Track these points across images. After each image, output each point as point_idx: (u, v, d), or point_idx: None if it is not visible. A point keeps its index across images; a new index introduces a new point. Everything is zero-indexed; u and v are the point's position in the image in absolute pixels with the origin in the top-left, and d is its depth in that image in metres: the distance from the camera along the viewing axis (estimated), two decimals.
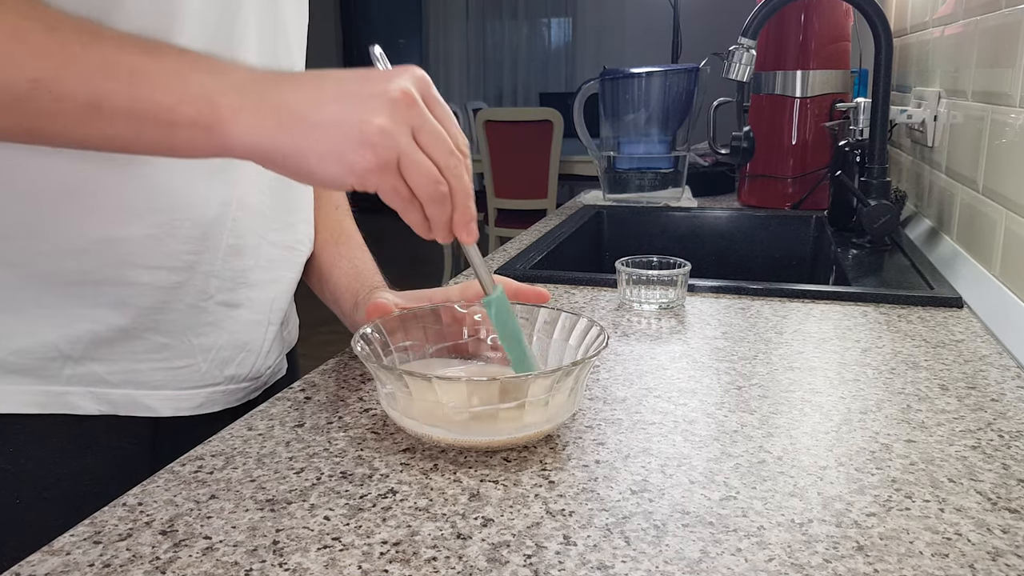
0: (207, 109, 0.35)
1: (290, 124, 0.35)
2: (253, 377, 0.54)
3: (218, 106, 0.35)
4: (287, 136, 0.35)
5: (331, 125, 0.35)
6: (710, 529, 0.34)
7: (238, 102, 0.35)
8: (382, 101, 0.36)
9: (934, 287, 0.73)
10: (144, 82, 0.34)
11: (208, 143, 0.36)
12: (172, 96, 0.35)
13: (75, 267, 0.43)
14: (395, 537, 0.34)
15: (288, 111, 0.35)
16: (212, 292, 0.49)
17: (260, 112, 0.35)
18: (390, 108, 0.36)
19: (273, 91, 0.36)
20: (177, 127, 0.35)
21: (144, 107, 0.35)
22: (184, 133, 0.35)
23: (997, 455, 0.42)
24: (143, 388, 0.48)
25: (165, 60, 0.35)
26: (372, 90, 0.36)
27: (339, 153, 0.35)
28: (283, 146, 0.36)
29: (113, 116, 0.35)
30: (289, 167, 0.37)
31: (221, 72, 0.36)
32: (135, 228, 0.44)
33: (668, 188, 1.19)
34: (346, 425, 0.45)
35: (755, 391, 0.50)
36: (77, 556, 0.33)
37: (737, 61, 0.92)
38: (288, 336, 0.61)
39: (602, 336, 0.44)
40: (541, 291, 0.51)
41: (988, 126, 0.74)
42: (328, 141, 0.35)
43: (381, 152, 0.36)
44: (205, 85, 0.35)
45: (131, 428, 0.48)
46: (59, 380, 0.45)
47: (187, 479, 0.39)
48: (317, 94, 0.36)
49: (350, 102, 0.36)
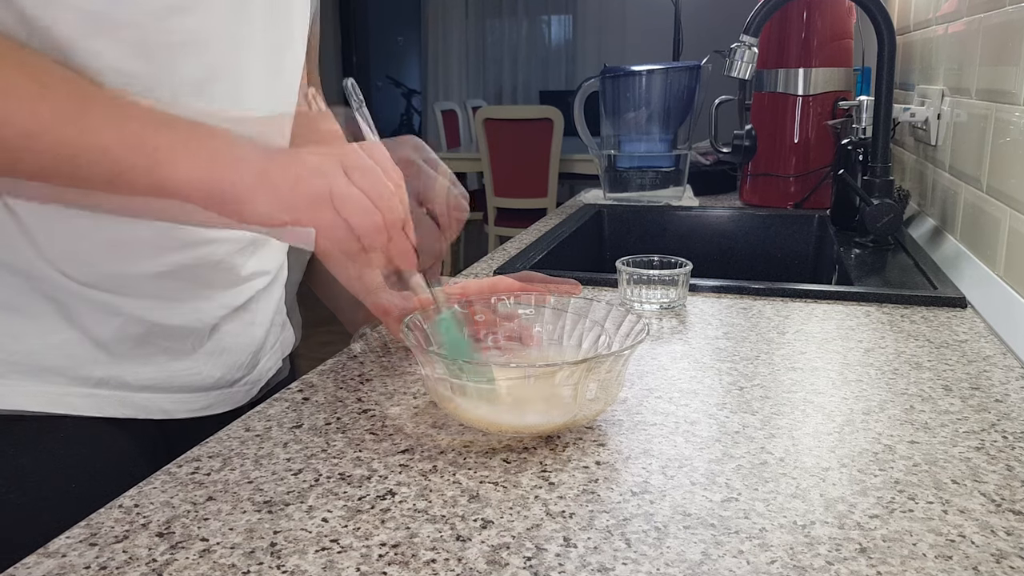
0: (227, 193, 0.38)
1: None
2: (258, 379, 0.55)
3: (232, 190, 0.38)
4: (296, 212, 0.38)
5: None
6: (712, 531, 0.34)
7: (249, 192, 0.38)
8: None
9: (937, 287, 0.73)
10: (165, 163, 0.37)
11: (225, 216, 0.39)
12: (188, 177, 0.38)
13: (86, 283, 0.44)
14: (394, 539, 0.34)
15: (280, 188, 0.38)
16: (223, 304, 0.50)
17: (271, 196, 0.38)
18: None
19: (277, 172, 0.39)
20: (194, 211, 0.38)
21: (166, 185, 0.37)
22: (200, 216, 0.38)
23: (1001, 456, 0.41)
24: (159, 391, 0.48)
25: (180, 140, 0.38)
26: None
27: (327, 227, 0.38)
28: (287, 220, 0.38)
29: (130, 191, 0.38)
30: (295, 241, 0.39)
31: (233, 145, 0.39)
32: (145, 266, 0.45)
33: (669, 187, 1.19)
34: (344, 426, 0.45)
35: (757, 392, 0.50)
36: (73, 558, 0.32)
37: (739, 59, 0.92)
38: (291, 336, 0.61)
39: (641, 323, 0.46)
40: (572, 283, 0.54)
41: (992, 124, 0.73)
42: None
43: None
44: (223, 174, 0.38)
45: (131, 428, 0.48)
46: (88, 383, 0.45)
47: (184, 480, 0.39)
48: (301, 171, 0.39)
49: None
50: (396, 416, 0.46)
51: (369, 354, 0.57)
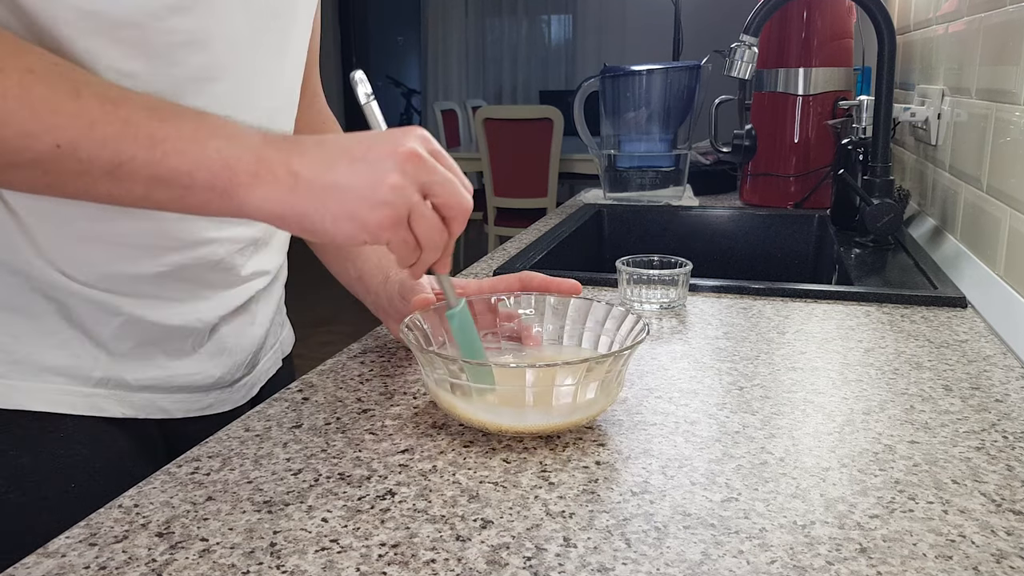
0: (224, 175, 0.37)
1: (303, 188, 0.37)
2: (257, 380, 0.55)
3: (234, 172, 0.37)
4: (300, 200, 0.37)
5: (344, 187, 0.37)
6: (711, 531, 0.34)
7: (253, 168, 0.37)
8: (392, 161, 0.38)
9: (938, 287, 0.73)
10: (163, 148, 0.36)
11: (222, 206, 0.37)
12: (189, 162, 0.36)
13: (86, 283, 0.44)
14: (393, 539, 0.34)
15: (300, 176, 0.37)
16: (223, 304, 0.50)
17: (274, 177, 0.37)
18: (400, 167, 0.38)
19: (285, 156, 0.38)
20: (193, 190, 0.37)
21: (162, 172, 0.36)
22: (199, 196, 0.37)
23: (1001, 456, 0.41)
24: (158, 391, 0.48)
25: (183, 126, 0.37)
26: (380, 152, 0.38)
27: (352, 213, 0.38)
28: (296, 208, 0.37)
29: (133, 178, 0.36)
30: (304, 228, 0.38)
31: (236, 137, 0.38)
32: (145, 266, 0.45)
33: (669, 187, 1.19)
34: (344, 426, 0.45)
35: (757, 392, 0.50)
36: (72, 558, 0.32)
37: (739, 58, 0.91)
38: (291, 336, 0.61)
39: (641, 323, 0.46)
40: (572, 282, 0.54)
41: (992, 124, 0.73)
42: (341, 202, 0.37)
43: (396, 209, 0.38)
44: (221, 152, 0.37)
45: (131, 428, 0.48)
46: (88, 382, 0.45)
47: (184, 480, 0.39)
48: (327, 158, 0.38)
49: (360, 165, 0.38)
50: (396, 416, 0.46)
51: (369, 354, 0.57)
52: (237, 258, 0.50)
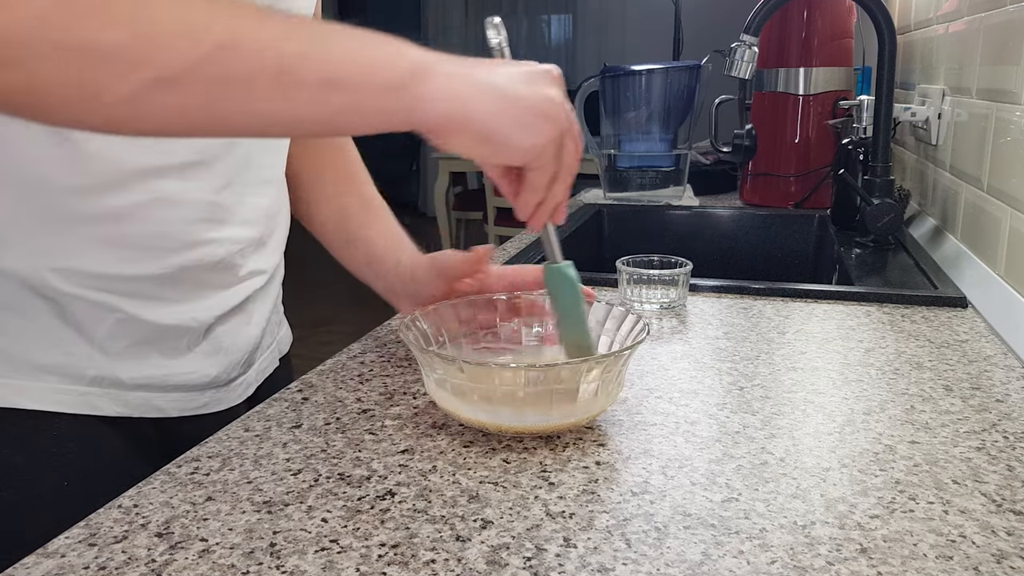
0: (402, 66, 0.34)
1: (482, 88, 0.36)
2: (254, 379, 0.55)
3: (411, 71, 0.34)
4: (478, 100, 0.36)
5: (517, 94, 0.36)
6: (712, 531, 0.34)
7: (429, 68, 0.35)
8: (548, 78, 0.38)
9: (938, 287, 0.73)
10: (329, 45, 0.33)
11: (399, 107, 0.34)
12: (363, 55, 0.33)
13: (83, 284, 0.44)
14: (393, 539, 0.34)
15: (475, 77, 0.36)
16: (219, 304, 0.50)
17: (450, 74, 0.35)
18: (556, 84, 0.38)
19: (454, 62, 0.36)
20: (369, 92, 0.34)
21: (337, 72, 0.33)
22: (377, 98, 0.34)
23: (1002, 456, 0.41)
24: (153, 390, 0.48)
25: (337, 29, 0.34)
26: (536, 69, 0.38)
27: (525, 120, 0.37)
28: (475, 108, 0.36)
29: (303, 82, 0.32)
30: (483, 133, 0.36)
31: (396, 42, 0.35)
32: (145, 267, 0.45)
33: (669, 187, 1.19)
34: (344, 426, 0.45)
35: (757, 392, 0.50)
36: (72, 558, 0.32)
37: (739, 58, 0.91)
38: (288, 335, 0.61)
39: (641, 323, 0.46)
40: (591, 292, 0.51)
41: (993, 124, 0.73)
42: (517, 107, 0.36)
43: (559, 124, 0.37)
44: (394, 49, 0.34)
45: (126, 427, 0.48)
46: (83, 381, 0.45)
47: (183, 481, 0.39)
48: (484, 67, 0.37)
49: (520, 79, 0.37)
50: (396, 416, 0.46)
51: (369, 354, 0.57)
52: (237, 258, 0.50)
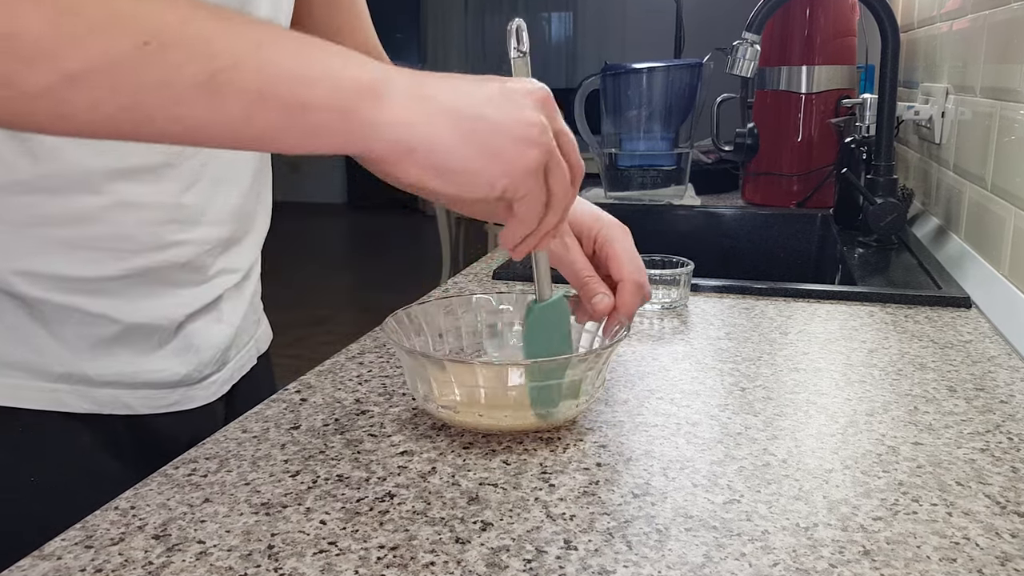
0: (349, 88, 0.30)
1: (444, 115, 0.32)
2: (228, 377, 0.54)
3: (362, 85, 0.30)
4: (438, 128, 0.31)
5: (490, 119, 0.32)
6: (713, 533, 0.34)
7: (381, 84, 0.31)
8: (531, 99, 0.34)
9: (942, 286, 0.72)
10: (270, 52, 0.29)
11: (340, 131, 0.31)
12: (305, 69, 0.30)
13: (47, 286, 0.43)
14: (392, 541, 0.33)
15: (439, 100, 0.32)
16: (189, 302, 0.49)
17: (408, 98, 0.31)
18: (540, 106, 0.34)
19: (411, 79, 0.32)
20: (308, 110, 0.30)
21: (273, 83, 0.29)
22: (315, 118, 0.30)
23: (1006, 458, 0.41)
24: (122, 387, 0.47)
25: (287, 35, 0.31)
26: (517, 88, 0.34)
27: (498, 150, 0.32)
28: (434, 138, 0.32)
29: (233, 92, 0.29)
30: (433, 164, 0.32)
31: (351, 55, 0.32)
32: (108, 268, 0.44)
33: (670, 186, 1.18)
34: (343, 427, 0.45)
35: (759, 393, 0.50)
36: (68, 560, 0.32)
37: (741, 56, 0.91)
38: (267, 334, 0.61)
39: (622, 329, 0.45)
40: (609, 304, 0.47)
41: (997, 123, 0.73)
42: (488, 136, 0.32)
43: (541, 150, 0.33)
44: (342, 64, 0.31)
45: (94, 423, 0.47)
46: (50, 377, 0.45)
47: (180, 482, 0.38)
48: (461, 86, 0.33)
49: (500, 99, 0.33)
50: (395, 417, 0.46)
51: (367, 355, 0.57)
52: (205, 258, 0.49)
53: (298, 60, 0.30)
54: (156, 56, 0.28)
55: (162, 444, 0.45)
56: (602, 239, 0.46)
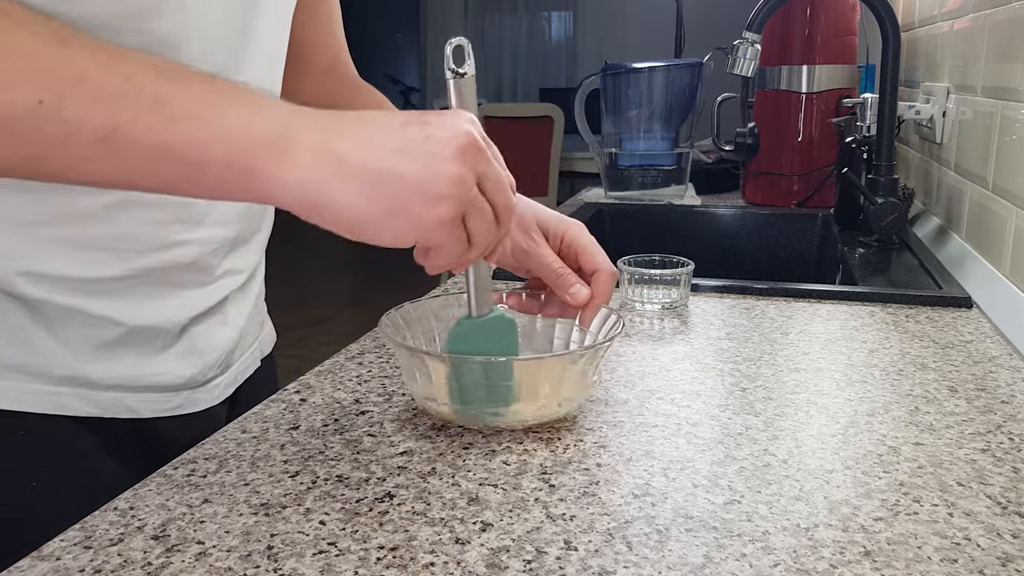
0: (247, 149, 0.31)
1: (349, 174, 0.31)
2: (232, 380, 0.54)
3: (261, 146, 0.31)
4: (344, 188, 0.31)
5: (399, 176, 0.32)
6: (714, 534, 0.34)
7: (283, 143, 0.31)
8: (453, 147, 0.33)
9: (943, 286, 0.72)
10: (171, 110, 0.30)
11: (241, 188, 0.32)
12: (203, 129, 0.30)
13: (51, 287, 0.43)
14: (392, 542, 0.33)
15: (345, 159, 0.32)
16: (193, 304, 0.49)
17: (312, 158, 0.31)
18: (461, 154, 0.33)
19: (323, 134, 0.32)
20: (206, 168, 0.31)
21: (171, 140, 0.30)
22: (213, 175, 0.31)
23: (1007, 458, 0.41)
24: (125, 391, 0.47)
25: (195, 87, 0.31)
26: (439, 135, 0.33)
27: (406, 208, 0.32)
28: (338, 199, 0.32)
29: (132, 149, 0.30)
30: (341, 221, 0.32)
31: (261, 105, 0.32)
32: (112, 269, 0.44)
33: (671, 186, 1.18)
34: (342, 427, 0.44)
35: (760, 393, 0.50)
36: (67, 561, 0.32)
37: (741, 56, 0.91)
38: (271, 336, 0.61)
39: (618, 323, 0.46)
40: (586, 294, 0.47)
41: (998, 122, 0.73)
42: (395, 194, 0.32)
43: (456, 204, 0.33)
44: (244, 120, 0.31)
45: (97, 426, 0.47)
46: (51, 380, 0.44)
47: (180, 483, 0.38)
48: (376, 138, 0.33)
49: (416, 150, 0.32)
50: (395, 418, 0.46)
51: (367, 355, 0.56)
52: (211, 259, 0.48)
53: (200, 118, 0.30)
54: (51, 114, 0.29)
55: (164, 447, 0.45)
56: (570, 236, 0.48)
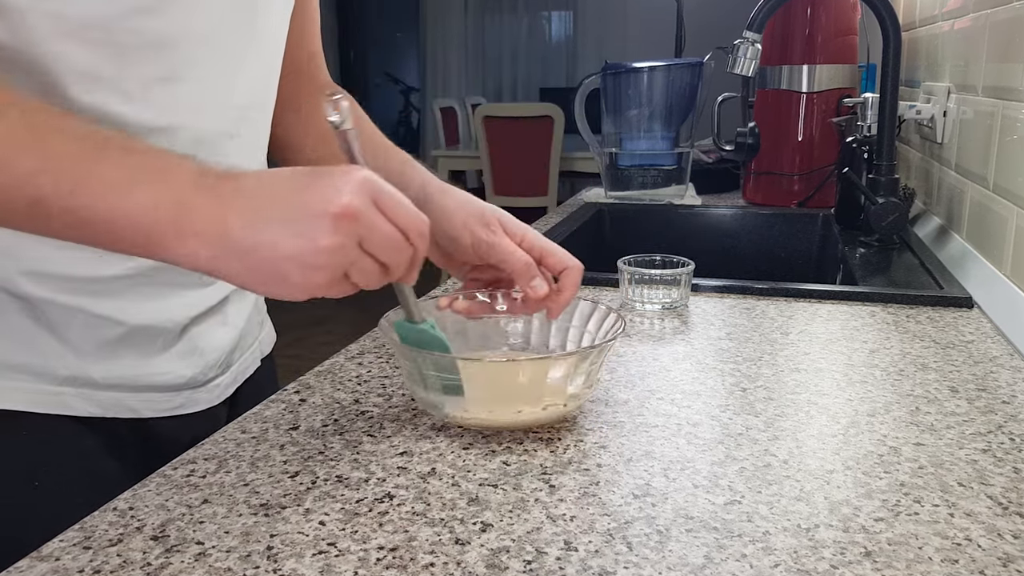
0: (145, 227, 0.35)
1: (231, 248, 0.35)
2: (232, 380, 0.54)
3: (158, 224, 0.35)
4: (228, 260, 0.36)
5: (274, 248, 0.35)
6: (714, 534, 0.34)
7: (176, 221, 0.35)
8: (326, 221, 0.35)
9: (943, 286, 0.72)
10: (82, 193, 0.34)
11: (152, 255, 0.36)
12: (108, 210, 0.35)
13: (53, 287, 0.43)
14: (392, 543, 0.33)
15: (228, 233, 0.35)
16: (194, 304, 0.49)
17: (199, 234, 0.35)
18: (333, 226, 0.35)
19: (216, 206, 0.35)
20: (116, 237, 0.35)
21: (81, 217, 0.35)
22: (125, 243, 0.36)
23: (1008, 458, 0.41)
24: (126, 390, 0.47)
25: (107, 168, 0.35)
26: (314, 209, 0.35)
27: (284, 276, 0.36)
28: (225, 269, 0.36)
29: (51, 219, 0.35)
30: (234, 284, 0.37)
31: (166, 182, 0.35)
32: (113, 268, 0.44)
33: (671, 185, 1.18)
34: (342, 428, 0.44)
35: (760, 393, 0.50)
36: (67, 562, 0.32)
37: (742, 55, 0.91)
38: (271, 336, 0.61)
39: (619, 322, 0.46)
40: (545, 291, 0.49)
41: (999, 122, 0.73)
42: (272, 265, 0.36)
43: (330, 271, 0.36)
44: (146, 199, 0.35)
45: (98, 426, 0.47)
46: (55, 380, 0.45)
47: (179, 483, 0.38)
48: (261, 210, 0.36)
49: (293, 223, 0.35)
50: (394, 418, 0.46)
51: (367, 355, 0.56)
52: None
53: (108, 198, 0.34)
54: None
55: (164, 447, 0.45)
56: (529, 239, 0.50)
